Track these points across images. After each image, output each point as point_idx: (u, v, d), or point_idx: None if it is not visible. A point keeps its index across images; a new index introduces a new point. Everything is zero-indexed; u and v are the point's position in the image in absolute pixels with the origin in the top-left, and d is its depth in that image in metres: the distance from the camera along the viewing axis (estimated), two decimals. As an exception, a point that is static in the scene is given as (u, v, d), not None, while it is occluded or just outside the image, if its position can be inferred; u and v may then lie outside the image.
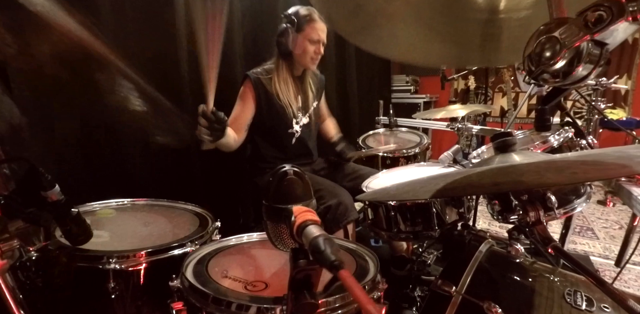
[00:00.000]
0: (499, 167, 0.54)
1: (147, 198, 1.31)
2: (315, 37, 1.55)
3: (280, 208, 0.54)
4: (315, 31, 1.54)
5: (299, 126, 1.68)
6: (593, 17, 0.42)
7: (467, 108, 2.16)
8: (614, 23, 0.41)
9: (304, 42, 1.55)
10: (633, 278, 1.91)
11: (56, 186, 0.79)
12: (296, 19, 1.52)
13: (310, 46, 1.56)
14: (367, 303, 0.37)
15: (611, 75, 2.37)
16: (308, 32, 1.53)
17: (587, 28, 0.43)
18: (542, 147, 1.07)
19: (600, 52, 0.45)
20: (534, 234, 0.62)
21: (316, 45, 1.57)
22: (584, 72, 0.46)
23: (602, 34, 0.43)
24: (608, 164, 0.45)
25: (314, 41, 1.55)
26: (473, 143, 3.52)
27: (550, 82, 0.49)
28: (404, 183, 0.61)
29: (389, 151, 2.02)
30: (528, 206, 0.64)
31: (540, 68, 0.48)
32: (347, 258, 0.91)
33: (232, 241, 1.02)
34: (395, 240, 1.60)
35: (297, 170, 0.56)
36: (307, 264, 0.48)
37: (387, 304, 0.81)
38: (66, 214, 0.81)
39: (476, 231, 1.01)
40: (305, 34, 1.54)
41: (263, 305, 0.68)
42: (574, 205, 0.87)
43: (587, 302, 0.68)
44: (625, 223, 2.62)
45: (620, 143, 3.33)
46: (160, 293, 0.83)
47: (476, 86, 4.17)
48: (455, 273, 0.78)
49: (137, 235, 1.05)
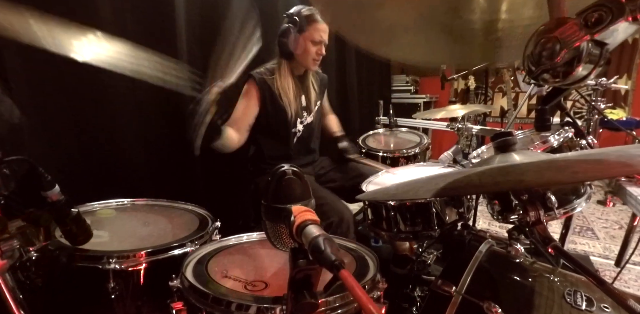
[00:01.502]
0: (499, 167, 0.54)
1: (147, 198, 1.31)
2: (317, 38, 1.54)
3: (279, 207, 0.54)
4: (318, 32, 1.53)
5: (303, 125, 1.68)
6: (593, 17, 0.42)
7: (467, 108, 2.16)
8: (614, 23, 0.41)
9: (306, 42, 1.54)
10: (633, 278, 1.90)
11: (56, 186, 0.79)
12: (298, 19, 1.51)
13: (312, 47, 1.55)
14: (367, 302, 0.37)
15: (611, 75, 2.37)
16: (310, 33, 1.53)
17: (587, 28, 0.43)
18: (542, 147, 1.06)
19: (600, 52, 0.45)
20: (534, 234, 0.62)
21: (318, 46, 1.56)
22: (584, 72, 0.46)
23: (602, 34, 0.43)
24: (608, 164, 0.45)
25: (316, 42, 1.55)
26: (473, 143, 3.51)
27: (550, 82, 0.49)
28: (404, 183, 0.61)
29: (388, 154, 2.03)
30: (528, 206, 0.64)
31: (540, 68, 0.48)
32: (347, 257, 0.91)
33: (231, 241, 1.02)
34: (395, 240, 1.61)
35: (295, 170, 0.56)
36: (307, 264, 0.48)
37: (387, 303, 0.81)
38: (66, 214, 0.81)
39: (476, 231, 1.01)
40: (307, 34, 1.53)
41: (263, 305, 0.68)
42: (574, 205, 0.87)
43: (587, 302, 0.68)
44: (625, 223, 2.62)
45: (620, 143, 3.33)
46: (160, 293, 0.83)
47: (476, 86, 4.17)
48: (455, 273, 0.78)
49: (137, 235, 1.05)
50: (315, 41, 1.54)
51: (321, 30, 1.54)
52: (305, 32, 1.52)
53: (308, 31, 1.53)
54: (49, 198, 0.78)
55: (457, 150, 1.39)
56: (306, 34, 1.53)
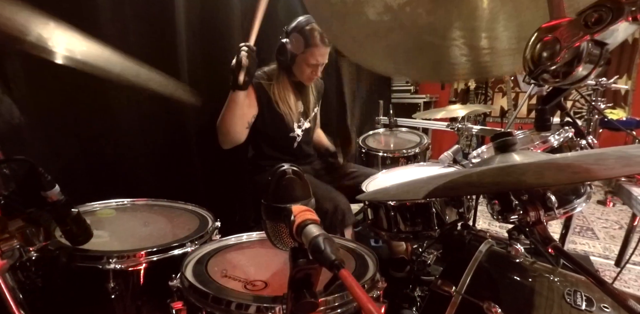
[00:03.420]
0: (499, 167, 0.54)
1: (147, 198, 1.31)
2: (313, 62, 1.50)
3: (279, 207, 0.54)
4: (314, 57, 1.49)
5: (301, 130, 1.67)
6: (593, 17, 0.42)
7: (467, 108, 2.16)
8: (614, 23, 0.41)
9: (302, 63, 1.52)
10: (633, 278, 1.90)
11: (56, 186, 0.79)
12: (295, 40, 1.47)
13: (307, 68, 1.52)
14: (367, 301, 0.37)
15: (611, 75, 2.37)
16: (306, 56, 1.49)
17: (587, 28, 0.43)
18: (542, 147, 1.07)
19: (600, 52, 0.45)
20: (534, 234, 0.63)
21: (313, 68, 1.53)
22: (584, 72, 0.46)
23: (602, 34, 0.43)
24: (608, 164, 0.45)
25: (310, 65, 1.51)
26: (473, 143, 3.52)
27: (550, 82, 0.49)
28: (404, 183, 0.61)
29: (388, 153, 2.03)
30: (528, 206, 0.64)
31: (540, 68, 0.48)
32: (346, 257, 0.91)
33: (231, 240, 1.02)
34: (395, 240, 1.60)
35: (295, 169, 0.56)
36: (307, 264, 0.48)
37: (387, 303, 0.81)
38: (66, 214, 0.81)
39: (476, 231, 1.01)
40: (303, 56, 1.49)
41: (263, 304, 0.68)
42: (574, 205, 0.87)
43: (587, 302, 0.68)
44: (625, 223, 2.62)
45: (620, 143, 3.33)
46: (160, 293, 0.83)
47: (476, 86, 4.17)
48: (455, 273, 0.78)
49: (137, 235, 1.05)
50: (310, 64, 1.51)
51: (317, 54, 1.49)
52: (302, 54, 1.49)
53: (305, 54, 1.49)
54: (49, 198, 0.78)
55: (457, 150, 1.39)
56: (302, 56, 1.49)
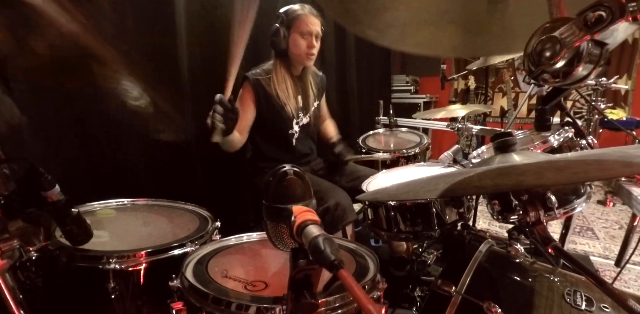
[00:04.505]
0: (499, 167, 0.54)
1: (147, 198, 1.31)
2: (305, 29, 1.52)
3: (280, 208, 0.54)
4: (304, 24, 1.52)
5: (299, 126, 1.67)
6: (593, 17, 0.42)
7: (467, 108, 2.16)
8: (614, 23, 0.41)
9: (295, 36, 1.53)
10: (633, 278, 1.90)
11: (56, 186, 0.79)
12: (285, 16, 1.52)
13: (302, 40, 1.53)
14: (367, 302, 0.37)
15: (611, 75, 2.37)
16: (297, 26, 1.52)
17: (587, 28, 0.43)
18: (542, 147, 1.07)
19: (600, 52, 0.45)
20: (534, 234, 0.62)
21: (308, 39, 1.54)
22: (584, 72, 0.46)
23: (602, 34, 0.43)
24: (608, 164, 0.45)
25: (304, 34, 1.53)
26: (473, 143, 3.52)
27: (550, 82, 0.49)
28: (404, 183, 0.61)
29: (388, 153, 2.02)
30: (528, 206, 0.64)
31: (540, 68, 0.48)
32: (346, 257, 0.91)
33: (231, 241, 1.02)
34: (395, 240, 1.60)
35: (297, 170, 0.56)
36: (307, 264, 0.48)
37: (387, 303, 0.81)
38: (66, 214, 0.81)
39: (476, 231, 1.01)
40: (294, 28, 1.52)
41: (263, 305, 0.68)
42: (574, 205, 0.87)
43: (586, 302, 0.68)
44: (625, 223, 2.62)
45: (620, 143, 3.33)
46: (160, 293, 0.83)
47: (476, 86, 4.17)
48: (455, 273, 0.78)
49: (137, 235, 1.05)
50: (303, 33, 1.53)
51: (308, 22, 1.52)
52: (293, 26, 1.52)
53: (295, 25, 1.52)
54: (49, 198, 0.78)
55: (457, 150, 1.39)
56: (294, 28, 1.52)
